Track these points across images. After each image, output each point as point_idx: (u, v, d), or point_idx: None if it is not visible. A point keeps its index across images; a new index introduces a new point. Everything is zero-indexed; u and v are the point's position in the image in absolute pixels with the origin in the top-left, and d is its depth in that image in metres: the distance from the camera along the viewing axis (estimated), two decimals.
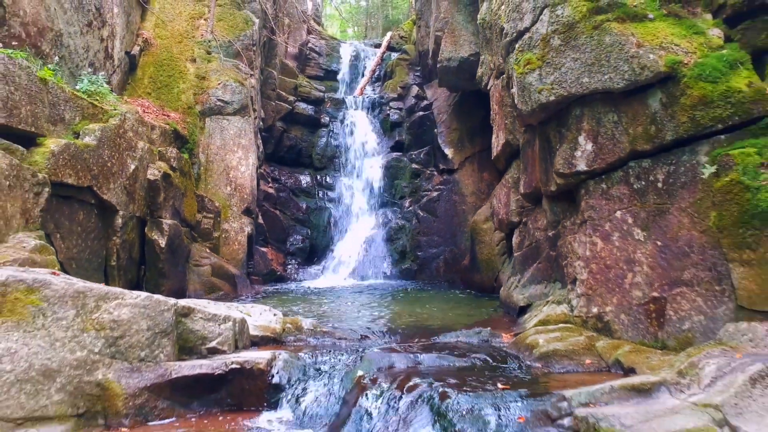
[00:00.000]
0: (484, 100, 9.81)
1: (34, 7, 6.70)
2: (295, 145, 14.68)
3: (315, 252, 13.52)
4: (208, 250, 9.76)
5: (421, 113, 14.62)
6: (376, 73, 18.53)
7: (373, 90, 17.67)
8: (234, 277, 9.78)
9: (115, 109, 7.59)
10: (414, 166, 13.98)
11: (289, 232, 13.34)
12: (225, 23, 12.02)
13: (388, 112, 15.39)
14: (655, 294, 4.56)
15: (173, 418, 4.05)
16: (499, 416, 3.51)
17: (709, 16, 5.03)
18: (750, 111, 4.38)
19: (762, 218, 4.03)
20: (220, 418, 4.11)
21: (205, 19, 11.58)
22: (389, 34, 21.35)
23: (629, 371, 4.28)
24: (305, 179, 14.36)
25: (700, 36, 4.81)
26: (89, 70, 8.21)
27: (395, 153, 14.53)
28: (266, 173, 13.70)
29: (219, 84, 10.91)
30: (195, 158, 10.34)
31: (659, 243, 4.58)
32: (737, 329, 3.98)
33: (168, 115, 9.98)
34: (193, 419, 4.07)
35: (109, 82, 8.66)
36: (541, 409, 3.54)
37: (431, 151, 13.98)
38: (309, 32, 18.94)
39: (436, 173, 13.52)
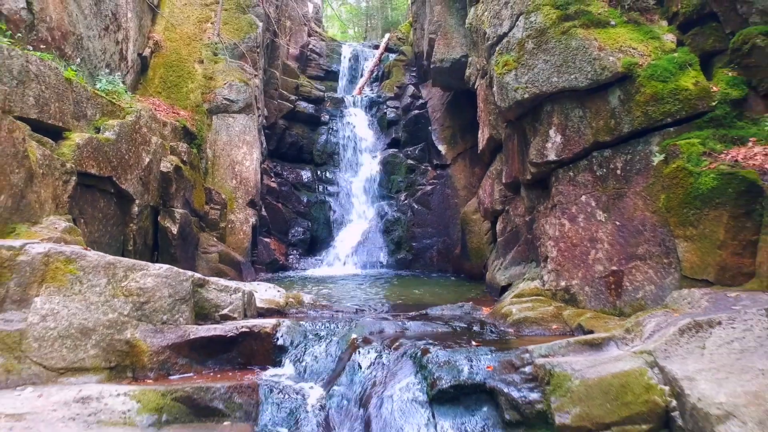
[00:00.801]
0: (474, 99, 10.34)
1: (59, 14, 7.24)
2: (297, 142, 15.23)
3: (315, 243, 14.06)
4: (215, 239, 10.31)
5: (416, 112, 15.17)
6: (375, 73, 19.06)
7: (372, 89, 18.20)
8: (239, 264, 10.33)
9: (131, 107, 8.13)
10: (409, 161, 14.53)
11: (291, 224, 13.89)
12: (230, 26, 12.56)
13: (385, 110, 15.92)
14: (614, 268, 5.12)
15: (191, 373, 4.59)
16: (471, 365, 4.06)
17: (665, 23, 5.58)
18: (695, 106, 4.94)
19: (702, 199, 4.58)
20: (230, 373, 4.65)
21: (211, 23, 12.12)
22: (387, 35, 21.87)
23: (589, 333, 4.83)
24: (306, 174, 14.90)
25: (655, 40, 5.36)
26: (106, 70, 8.75)
27: (392, 149, 15.08)
28: (269, 168, 14.24)
29: (225, 84, 11.45)
30: (203, 153, 10.89)
31: (618, 223, 5.13)
32: (680, 295, 4.54)
33: (178, 113, 10.53)
34: (209, 374, 4.62)
35: (123, 82, 9.20)
36: (507, 360, 4.10)
37: (426, 148, 14.53)
38: (310, 34, 19.47)
39: (430, 168, 14.07)
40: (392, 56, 18.92)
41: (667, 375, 3.45)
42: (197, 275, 5.08)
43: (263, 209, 12.98)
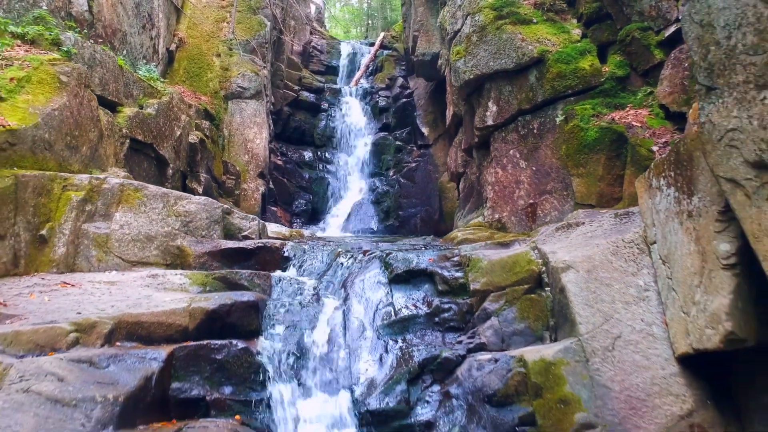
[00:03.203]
0: None
1: (110, 15, 8.77)
2: (300, 127, 16.75)
3: (316, 213, 15.60)
4: (231, 203, 11.86)
5: (404, 100, 16.69)
6: (370, 68, 20.53)
7: (367, 81, 19.69)
8: None
9: (165, 90, 9.67)
10: (397, 143, 16.05)
11: (295, 197, 15.43)
12: (243, 25, 14.08)
13: (378, 99, 17.43)
14: (531, 201, 6.67)
15: (223, 271, 6.15)
16: (418, 259, 5.62)
17: (574, 21, 7.10)
18: (590, 82, 6.47)
19: (589, 147, 6.13)
20: None
21: (227, 23, 13.63)
22: (382, 34, 23.28)
23: None
24: (308, 154, 16.43)
25: (565, 34, 6.89)
26: (143, 61, 10.28)
27: (382, 133, 16.60)
28: (276, 148, 15.76)
29: (239, 74, 12.98)
30: (220, 132, 12.42)
31: (534, 168, 6.68)
32: (572, 215, 6.08)
33: (200, 98, 12.05)
34: None
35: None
36: (443, 254, 5.66)
37: (412, 131, 16.06)
38: (312, 33, 20.95)
39: (415, 148, 15.61)
40: (386, 52, 20.37)
41: (541, 252, 5.01)
42: (225, 206, 6.65)
43: (271, 183, 14.52)
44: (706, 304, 3.75)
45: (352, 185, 15.98)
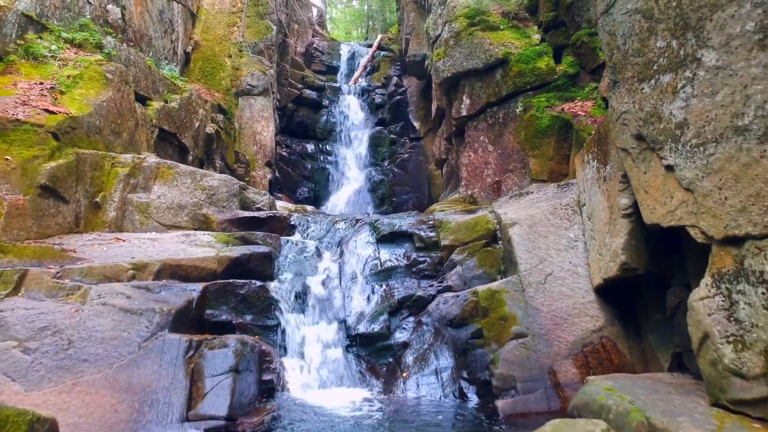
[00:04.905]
0: None
1: (139, 21, 9.83)
2: (303, 122, 17.80)
3: (318, 200, 16.65)
4: None
5: (398, 97, 17.73)
6: (368, 68, 21.57)
7: (364, 80, 20.74)
8: None
9: (185, 87, 10.74)
10: (392, 136, 17.11)
11: (298, 185, 16.51)
12: (252, 29, 15.14)
13: (374, 96, 18.48)
14: (497, 179, 7.74)
15: (242, 233, 7.22)
16: (401, 223, 6.69)
17: (535, 27, 8.16)
18: (545, 78, 7.53)
19: (542, 132, 7.19)
20: None
21: (237, 27, 14.68)
22: (379, 36, 24.29)
23: None
24: (310, 147, 17.49)
25: (526, 38, 7.95)
26: (165, 62, 11.34)
27: (378, 127, 17.66)
28: (281, 141, 16.83)
29: (248, 73, 14.03)
30: (232, 125, 13.49)
31: (499, 151, 7.75)
32: (527, 188, 7.16)
33: (213, 95, 13.11)
34: None
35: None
36: (420, 219, 6.74)
37: (405, 125, 17.11)
38: (314, 35, 21.98)
39: (407, 141, 16.67)
40: (383, 53, 21.41)
41: (496, 213, 6.08)
42: (242, 183, 7.72)
43: (277, 172, 15.59)
44: (611, 244, 4.83)
45: (350, 175, 17.04)
